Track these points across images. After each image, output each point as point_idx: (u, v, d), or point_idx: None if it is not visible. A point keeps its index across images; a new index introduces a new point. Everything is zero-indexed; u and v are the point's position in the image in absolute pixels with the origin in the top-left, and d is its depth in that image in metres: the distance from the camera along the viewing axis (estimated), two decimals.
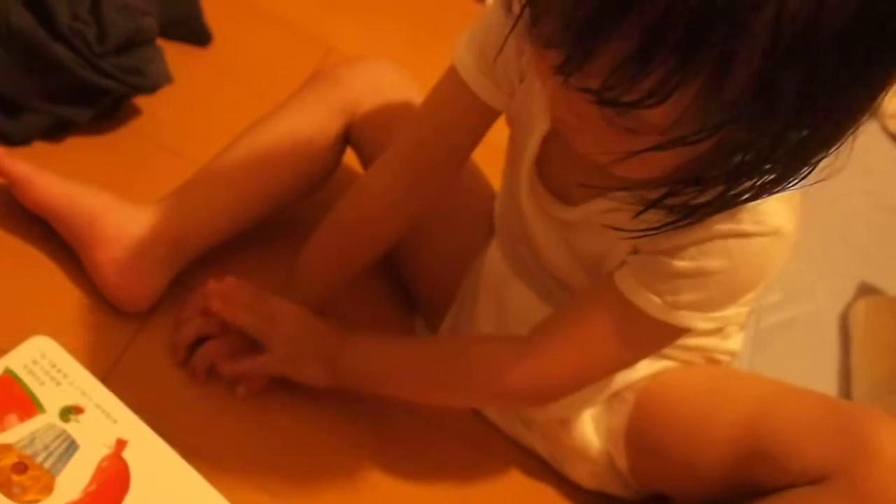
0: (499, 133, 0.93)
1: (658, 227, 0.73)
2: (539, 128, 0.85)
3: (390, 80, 1.05)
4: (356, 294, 1.07)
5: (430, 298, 1.08)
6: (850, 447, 0.82)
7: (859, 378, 1.23)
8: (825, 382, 1.22)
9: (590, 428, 0.97)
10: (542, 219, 0.90)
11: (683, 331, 0.81)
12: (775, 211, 0.75)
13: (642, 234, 0.73)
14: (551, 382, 0.87)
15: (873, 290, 1.37)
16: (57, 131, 1.05)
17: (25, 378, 0.83)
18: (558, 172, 0.87)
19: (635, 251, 0.81)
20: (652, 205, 0.71)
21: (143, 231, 0.94)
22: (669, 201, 0.71)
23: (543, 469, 1.03)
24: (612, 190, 0.77)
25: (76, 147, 1.06)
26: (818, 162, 0.67)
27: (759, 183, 0.67)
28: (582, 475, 1.01)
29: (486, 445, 1.03)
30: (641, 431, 0.95)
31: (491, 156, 1.01)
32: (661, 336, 0.83)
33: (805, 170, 0.67)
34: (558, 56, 0.61)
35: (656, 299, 0.78)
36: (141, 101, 1.13)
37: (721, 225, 0.74)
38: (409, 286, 1.10)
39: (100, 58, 1.03)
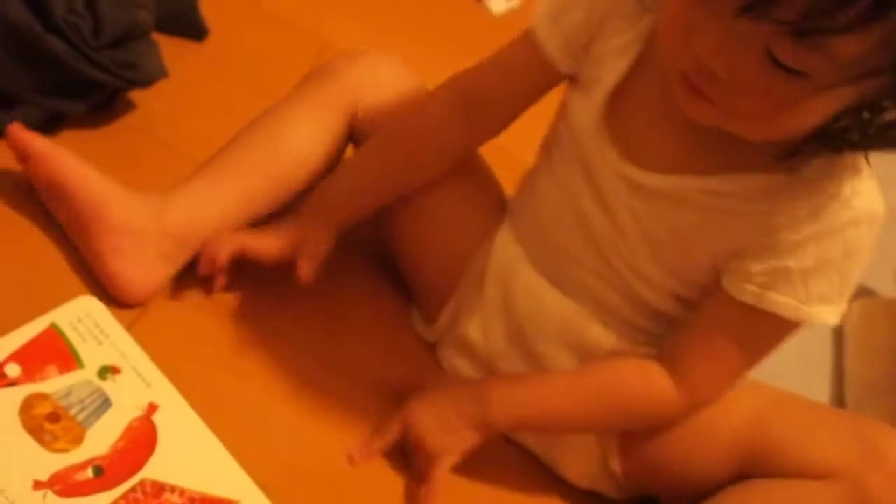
0: (510, 139, 0.93)
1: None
2: (608, 85, 0.86)
3: (391, 73, 1.05)
4: (352, 290, 1.07)
5: (430, 287, 1.06)
6: (852, 455, 0.85)
7: (852, 380, 1.23)
8: (818, 384, 1.22)
9: None
10: (614, 179, 0.88)
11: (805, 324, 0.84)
12: (871, 191, 0.79)
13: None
14: (708, 398, 0.91)
15: (868, 292, 1.37)
16: (51, 124, 1.05)
17: (69, 333, 0.86)
18: (640, 133, 0.86)
19: (735, 255, 0.83)
20: (800, 146, 0.74)
21: (150, 223, 0.93)
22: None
23: (535, 466, 1.02)
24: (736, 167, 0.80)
25: (70, 140, 1.06)
26: None
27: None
28: (575, 475, 1.01)
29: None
30: (637, 438, 0.96)
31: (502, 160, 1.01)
32: (790, 332, 0.86)
33: None
34: None
35: (789, 300, 0.81)
36: (136, 95, 1.12)
37: (835, 214, 0.78)
38: (408, 275, 1.08)
39: (95, 51, 1.02)
